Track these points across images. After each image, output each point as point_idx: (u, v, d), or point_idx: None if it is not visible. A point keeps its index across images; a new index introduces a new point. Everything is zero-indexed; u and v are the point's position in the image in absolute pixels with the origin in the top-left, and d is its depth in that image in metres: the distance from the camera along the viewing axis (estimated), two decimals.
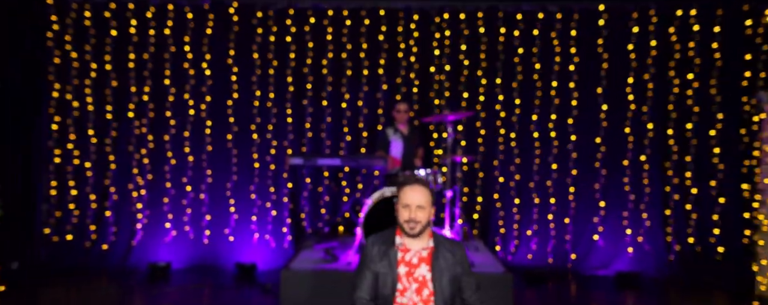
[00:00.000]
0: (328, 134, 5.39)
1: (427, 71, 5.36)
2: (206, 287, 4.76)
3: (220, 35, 5.28)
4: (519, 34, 5.26)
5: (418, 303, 2.07)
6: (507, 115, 5.33)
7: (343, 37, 5.32)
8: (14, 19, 4.95)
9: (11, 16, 4.92)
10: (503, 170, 5.35)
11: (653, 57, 5.16)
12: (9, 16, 4.90)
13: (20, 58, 5.03)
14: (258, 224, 5.32)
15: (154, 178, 5.31)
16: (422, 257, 2.12)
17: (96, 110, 5.26)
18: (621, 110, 5.20)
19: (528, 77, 5.29)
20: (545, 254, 5.29)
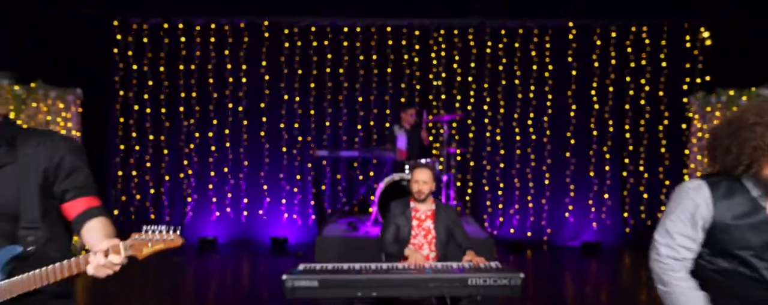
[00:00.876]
0: (344, 130, 6.42)
1: (427, 78, 6.39)
2: (246, 256, 5.82)
3: (253, 48, 6.30)
4: (503, 46, 6.31)
5: (425, 244, 3.15)
6: (493, 114, 6.38)
7: (356, 49, 6.34)
8: (89, 38, 5.96)
9: (87, 36, 5.93)
10: (490, 160, 6.41)
11: (613, 65, 6.21)
12: (85, 36, 5.92)
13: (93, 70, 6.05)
14: (287, 206, 6.39)
15: (200, 168, 6.36)
16: (427, 215, 3.19)
17: (152, 112, 6.29)
18: (587, 109, 6.25)
19: (510, 82, 6.33)
20: (525, 228, 6.37)
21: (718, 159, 1.64)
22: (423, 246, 3.13)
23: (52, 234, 1.43)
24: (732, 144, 1.59)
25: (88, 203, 1.45)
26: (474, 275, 2.60)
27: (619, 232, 6.19)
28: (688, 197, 1.67)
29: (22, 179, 1.36)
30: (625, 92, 6.22)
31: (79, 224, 1.42)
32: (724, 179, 1.65)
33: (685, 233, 1.66)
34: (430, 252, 3.13)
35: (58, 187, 1.42)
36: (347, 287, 2.55)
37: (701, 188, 1.65)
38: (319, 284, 2.54)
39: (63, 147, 1.43)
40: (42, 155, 1.39)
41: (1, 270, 1.31)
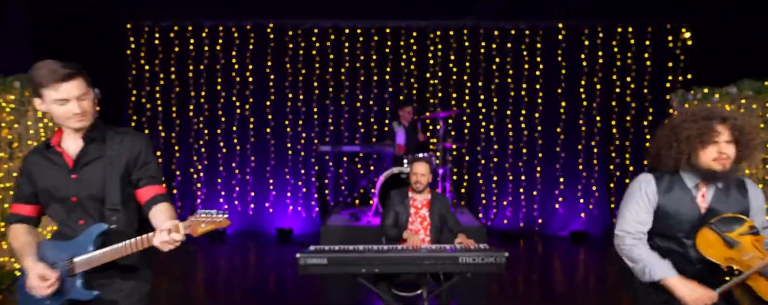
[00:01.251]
0: (346, 127, 6.76)
1: (424, 77, 6.73)
2: (253, 246, 6.17)
3: (259, 49, 6.63)
4: (496, 47, 6.64)
5: (421, 229, 3.49)
6: (487, 111, 6.72)
7: (357, 49, 6.68)
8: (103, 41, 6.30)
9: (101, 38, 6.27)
10: (484, 155, 6.76)
11: (600, 64, 6.55)
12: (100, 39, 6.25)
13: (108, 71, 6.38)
14: (292, 198, 6.73)
15: (209, 163, 6.70)
16: (424, 203, 3.53)
17: (163, 111, 6.63)
18: (575, 106, 6.60)
19: (503, 81, 6.67)
20: (518, 219, 6.73)
21: (663, 157, 1.99)
22: (419, 231, 3.48)
23: (129, 215, 1.75)
24: (672, 140, 1.94)
25: (157, 190, 1.77)
26: (464, 254, 2.95)
27: (606, 222, 6.54)
28: (640, 188, 2.03)
29: (108, 169, 1.69)
30: (612, 89, 6.56)
31: (148, 207, 1.74)
32: (667, 174, 2.01)
33: (640, 218, 2.02)
34: (425, 236, 3.48)
35: (134, 175, 1.75)
36: (352, 264, 2.90)
37: (650, 181, 2.01)
38: (327, 261, 2.88)
39: (140, 143, 1.77)
40: (125, 149, 1.72)
41: (93, 242, 1.64)
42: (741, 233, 1.82)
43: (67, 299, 1.62)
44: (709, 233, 1.87)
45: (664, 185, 1.99)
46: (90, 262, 1.63)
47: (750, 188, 1.98)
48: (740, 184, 1.97)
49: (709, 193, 1.95)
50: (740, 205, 1.93)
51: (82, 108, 1.64)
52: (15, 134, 4.39)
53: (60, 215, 1.69)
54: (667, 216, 1.98)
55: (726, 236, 1.83)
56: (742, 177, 2.00)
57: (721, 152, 1.84)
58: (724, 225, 1.86)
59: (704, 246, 1.88)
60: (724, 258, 1.84)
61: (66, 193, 1.67)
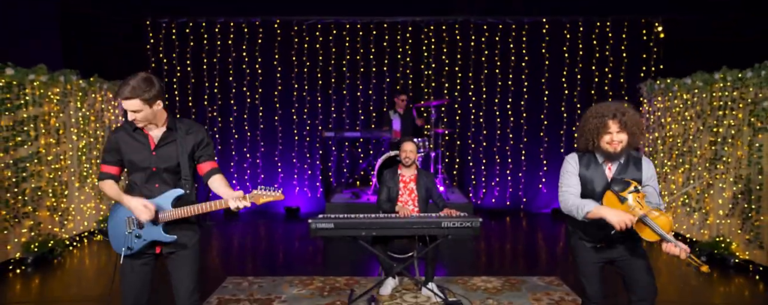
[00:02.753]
0: (347, 114, 7.38)
1: (419, 68, 7.32)
2: (263, 222, 6.82)
3: (267, 43, 7.21)
4: (485, 40, 7.22)
5: (409, 201, 4.13)
6: (476, 99, 7.32)
7: (357, 43, 7.25)
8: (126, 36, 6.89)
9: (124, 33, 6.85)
10: (474, 139, 7.38)
11: (580, 56, 7.13)
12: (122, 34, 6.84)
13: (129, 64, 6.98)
14: (298, 180, 7.38)
15: (223, 149, 7.33)
16: (411, 178, 4.17)
17: (180, 101, 7.24)
18: (558, 94, 7.19)
19: (491, 72, 7.26)
20: (505, 198, 7.38)
21: (582, 142, 2.62)
22: (408, 202, 4.13)
23: (192, 184, 2.39)
24: (584, 130, 2.58)
25: (213, 165, 2.39)
26: (446, 220, 3.60)
27: None
28: (569, 163, 2.67)
29: (180, 150, 2.30)
30: (591, 79, 7.14)
31: (207, 176, 2.37)
32: (587, 153, 2.64)
33: (571, 182, 2.65)
34: (414, 206, 4.13)
35: (197, 154, 2.37)
36: (354, 228, 3.55)
37: (574, 158, 2.65)
38: (334, 226, 3.53)
39: (202, 132, 2.39)
40: (191, 136, 2.33)
41: (171, 202, 2.27)
42: (629, 191, 2.46)
43: (151, 240, 2.27)
44: (609, 194, 2.51)
45: (584, 161, 2.63)
46: (172, 215, 2.26)
47: (644, 163, 2.61)
48: (637, 160, 2.60)
49: (613, 167, 2.59)
50: (635, 174, 2.56)
51: (138, 117, 2.21)
52: (60, 122, 5.01)
53: (141, 180, 2.31)
54: (586, 183, 2.61)
55: (619, 194, 2.47)
56: (640, 155, 2.63)
57: (612, 140, 2.47)
58: (618, 187, 2.49)
59: (608, 203, 2.52)
60: None
61: (148, 164, 2.29)
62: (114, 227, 2.30)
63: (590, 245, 2.61)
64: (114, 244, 2.29)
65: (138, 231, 2.27)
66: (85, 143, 5.46)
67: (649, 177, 2.56)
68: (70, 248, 5.09)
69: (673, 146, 5.61)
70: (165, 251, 2.34)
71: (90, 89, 5.56)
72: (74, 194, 5.28)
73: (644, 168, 2.57)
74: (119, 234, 2.28)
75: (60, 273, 4.42)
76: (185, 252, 2.36)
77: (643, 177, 2.55)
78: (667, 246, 2.33)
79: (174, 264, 2.37)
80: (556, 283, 4.18)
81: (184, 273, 2.36)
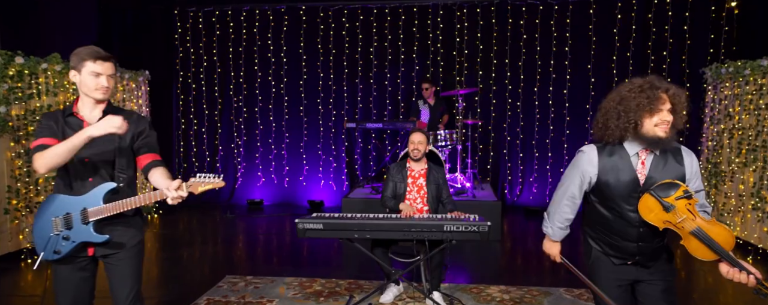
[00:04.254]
0: (374, 105, 7.02)
1: (451, 54, 6.81)
2: (287, 216, 6.63)
3: (292, 31, 6.98)
4: (523, 23, 6.58)
5: (418, 198, 3.72)
6: (513, 87, 6.72)
7: (385, 29, 6.86)
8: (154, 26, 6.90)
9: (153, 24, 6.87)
10: (511, 131, 6.79)
11: (634, 38, 6.33)
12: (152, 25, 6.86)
13: (158, 54, 7.01)
14: (323, 173, 7.14)
15: (248, 139, 7.22)
16: (421, 173, 3.75)
17: (207, 90, 7.19)
18: (606, 81, 6.44)
19: (530, 57, 6.62)
20: (544, 196, 6.75)
21: (611, 128, 2.10)
22: (416, 200, 3.71)
23: (131, 178, 2.15)
24: (620, 111, 2.05)
25: (154, 157, 2.15)
26: (449, 222, 3.16)
27: None
28: (579, 159, 2.17)
29: (117, 140, 2.07)
30: (646, 64, 6.33)
31: (147, 170, 2.11)
32: (609, 145, 2.12)
33: (567, 183, 2.16)
34: (422, 205, 3.71)
35: (136, 145, 2.13)
36: (345, 230, 3.20)
37: (592, 150, 2.14)
38: (323, 226, 3.20)
39: (145, 123, 2.17)
40: (133, 126, 2.10)
41: (103, 197, 2.03)
42: (676, 197, 1.92)
43: (81, 242, 2.04)
44: (649, 198, 1.98)
45: (605, 155, 2.11)
46: (102, 212, 2.02)
47: (685, 155, 2.05)
48: (677, 151, 2.05)
49: (647, 161, 2.05)
50: (676, 171, 2.01)
51: (109, 84, 2.06)
52: None
53: (74, 171, 2.08)
54: (608, 184, 2.10)
55: (663, 200, 1.94)
56: (679, 145, 2.08)
57: (663, 119, 1.94)
58: (661, 191, 1.96)
59: (645, 210, 1.99)
60: (662, 221, 1.96)
61: (81, 154, 2.04)
62: (39, 229, 2.07)
63: (619, 261, 2.11)
64: (39, 249, 2.07)
65: (66, 231, 2.04)
66: None
67: (693, 174, 2.03)
68: None
69: (743, 140, 4.79)
70: (99, 253, 2.10)
71: None
72: None
73: (687, 162, 2.03)
74: (44, 237, 2.05)
75: None
76: (122, 253, 2.11)
77: (686, 174, 2.03)
78: (731, 271, 1.83)
79: (110, 268, 2.13)
80: (585, 297, 3.64)
81: (120, 278, 2.12)
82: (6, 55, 4.21)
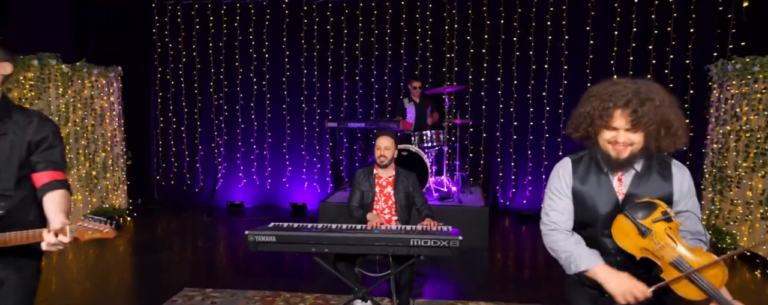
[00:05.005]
0: (360, 103, 6.69)
1: (440, 50, 6.46)
2: (268, 219, 6.31)
3: (275, 25, 6.66)
4: (517, 17, 6.21)
5: (386, 208, 3.39)
6: (506, 85, 6.36)
7: (372, 23, 6.52)
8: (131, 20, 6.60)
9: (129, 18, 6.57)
10: (503, 131, 6.43)
11: (634, 33, 5.94)
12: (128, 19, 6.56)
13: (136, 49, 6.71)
14: (307, 174, 6.82)
15: (229, 138, 6.92)
16: (389, 181, 3.42)
17: (186, 87, 6.89)
18: (604, 78, 6.03)
19: (525, 53, 6.25)
20: (538, 199, 6.38)
21: (574, 128, 1.76)
22: (384, 211, 3.38)
23: (26, 200, 1.70)
24: (578, 116, 1.72)
25: (55, 176, 1.70)
26: (416, 236, 2.83)
27: None
28: (556, 174, 1.84)
29: (6, 150, 1.63)
30: (647, 61, 5.94)
31: (43, 192, 1.69)
32: (586, 157, 1.79)
33: (558, 206, 1.82)
34: (391, 216, 3.38)
35: (34, 158, 1.70)
36: (301, 243, 2.88)
37: (566, 166, 1.81)
38: (276, 239, 2.88)
39: (48, 128, 1.72)
40: (30, 130, 1.68)
41: None
42: (654, 219, 1.58)
43: None
44: (623, 220, 1.65)
45: (581, 169, 1.78)
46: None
47: (676, 170, 1.71)
48: (665, 165, 1.71)
49: (626, 177, 1.71)
50: (662, 190, 1.68)
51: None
52: (36, 108, 4.73)
53: None
54: (584, 203, 1.77)
55: (639, 223, 1.60)
56: (669, 158, 1.73)
57: (615, 139, 1.60)
58: (637, 211, 1.62)
59: (620, 235, 1.66)
60: (639, 249, 1.62)
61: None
62: None
63: (593, 291, 1.79)
64: None
65: None
66: (69, 132, 5.19)
67: (683, 194, 1.69)
68: None
69: (751, 143, 4.41)
70: None
71: (76, 75, 5.27)
72: None
73: (676, 179, 1.70)
74: None
75: None
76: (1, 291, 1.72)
77: (674, 194, 1.69)
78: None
79: None
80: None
81: None
82: None
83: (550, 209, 1.85)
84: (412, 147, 5.26)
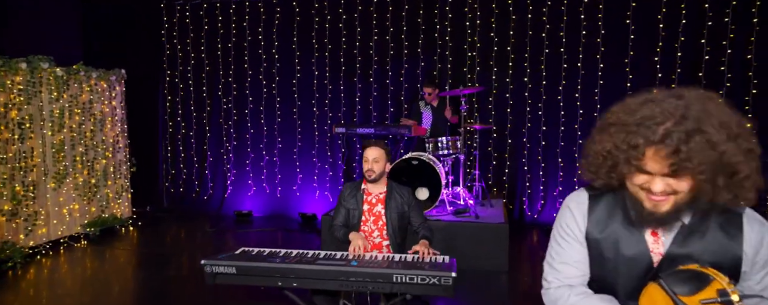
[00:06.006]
0: (374, 106, 6.23)
1: (460, 48, 5.90)
2: (278, 230, 5.94)
3: (285, 25, 6.30)
4: (546, 10, 5.58)
5: (375, 230, 2.91)
6: (534, 86, 5.73)
7: (386, 21, 6.05)
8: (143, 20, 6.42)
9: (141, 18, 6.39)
10: (530, 137, 5.80)
11: (683, 26, 5.19)
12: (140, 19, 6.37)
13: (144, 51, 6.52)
14: (318, 182, 6.42)
15: (238, 144, 6.61)
16: (379, 198, 2.94)
17: (195, 90, 6.64)
18: (647, 79, 5.33)
19: (555, 50, 5.61)
20: None
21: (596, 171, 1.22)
22: (373, 233, 2.90)
23: None
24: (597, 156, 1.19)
25: None
26: (400, 271, 2.33)
27: None
28: (567, 211, 1.33)
29: None
30: (699, 56, 5.17)
31: None
32: (610, 192, 1.26)
33: (565, 257, 1.31)
34: (381, 239, 2.89)
35: None
36: (265, 275, 2.43)
37: (581, 201, 1.30)
38: (236, 271, 2.45)
39: None
40: None
41: None
42: (704, 300, 1.03)
43: None
44: (656, 292, 1.12)
45: (601, 210, 1.25)
46: None
47: (749, 223, 1.15)
48: (732, 216, 1.15)
49: (668, 229, 1.17)
50: (722, 253, 1.13)
51: None
52: (25, 114, 4.54)
53: None
54: (601, 260, 1.24)
55: (679, 300, 1.06)
56: (740, 208, 1.16)
57: (648, 186, 1.07)
58: (680, 283, 1.09)
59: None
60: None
61: None
62: None
63: None
64: None
65: None
66: (64, 139, 4.99)
67: (758, 263, 1.17)
68: (37, 257, 4.62)
69: None
70: None
71: (72, 78, 5.06)
72: (46, 197, 4.82)
73: (749, 240, 1.16)
74: None
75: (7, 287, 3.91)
76: None
77: (743, 261, 1.16)
78: None
79: None
80: None
81: None
82: None
83: (557, 259, 1.34)
84: (423, 155, 4.74)
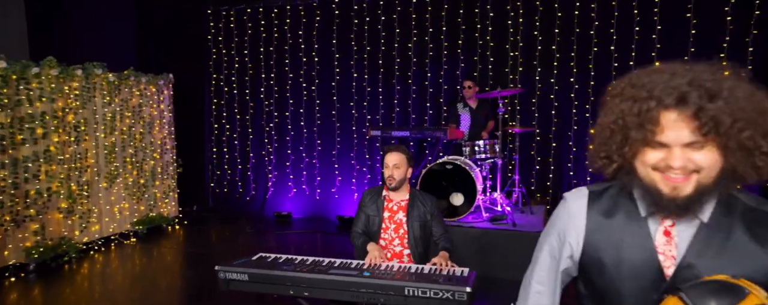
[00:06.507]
0: (413, 108, 6.12)
1: (502, 48, 5.67)
2: (318, 233, 5.94)
3: (324, 27, 6.32)
4: (595, 6, 5.23)
5: (396, 239, 2.81)
6: (581, 87, 5.40)
7: (426, 21, 5.92)
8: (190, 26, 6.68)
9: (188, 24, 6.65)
10: (577, 141, 5.47)
11: (757, 17, 4.69)
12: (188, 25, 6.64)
13: (191, 56, 6.78)
14: (357, 185, 6.39)
15: (279, 146, 6.71)
16: (401, 206, 2.83)
17: (238, 93, 6.81)
18: None
19: (604, 48, 5.26)
20: None
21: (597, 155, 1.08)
22: (393, 241, 2.80)
23: None
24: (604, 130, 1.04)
25: None
26: (413, 284, 2.22)
27: None
28: (557, 214, 1.18)
29: None
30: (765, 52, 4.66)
31: None
32: (614, 188, 1.10)
33: (542, 276, 1.17)
34: (402, 248, 2.79)
35: None
36: (276, 284, 2.41)
37: (579, 197, 1.14)
38: (249, 278, 2.44)
39: None
40: None
41: None
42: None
43: None
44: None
45: (601, 206, 1.09)
46: None
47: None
48: (760, 217, 0.96)
49: (682, 230, 1.00)
50: (750, 260, 0.95)
51: None
52: (80, 118, 4.82)
53: None
54: (603, 267, 1.09)
55: None
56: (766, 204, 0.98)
57: (665, 162, 0.90)
58: (706, 296, 0.91)
59: None
60: None
61: None
62: None
63: None
64: None
65: None
66: (115, 141, 5.26)
67: None
68: (90, 252, 4.90)
69: None
70: None
71: (123, 83, 5.33)
72: (99, 195, 5.10)
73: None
74: None
75: (63, 280, 4.16)
76: None
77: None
78: None
79: None
80: None
81: None
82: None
83: (535, 274, 1.20)
84: (458, 159, 4.57)
